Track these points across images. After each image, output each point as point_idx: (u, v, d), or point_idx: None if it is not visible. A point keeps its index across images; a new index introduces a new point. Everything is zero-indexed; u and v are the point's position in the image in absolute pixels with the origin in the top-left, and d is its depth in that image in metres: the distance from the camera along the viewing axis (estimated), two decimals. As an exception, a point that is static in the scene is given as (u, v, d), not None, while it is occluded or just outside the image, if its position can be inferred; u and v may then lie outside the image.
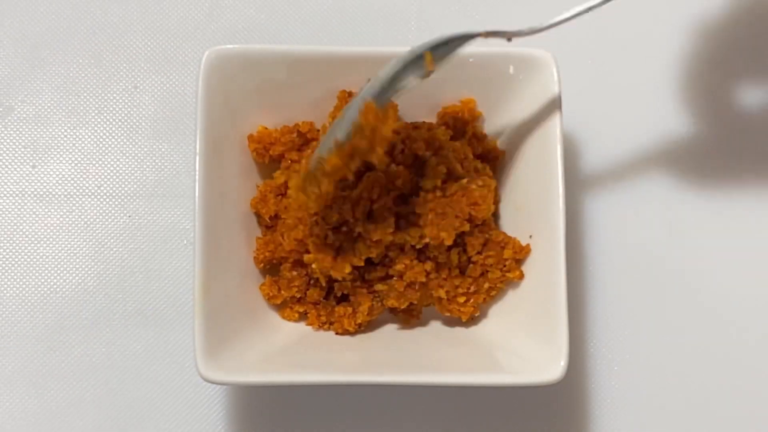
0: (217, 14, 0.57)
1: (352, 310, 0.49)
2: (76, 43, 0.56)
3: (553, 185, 0.46)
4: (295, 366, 0.46)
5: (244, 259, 0.50)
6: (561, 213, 0.46)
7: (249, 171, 0.51)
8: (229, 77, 0.48)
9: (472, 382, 0.45)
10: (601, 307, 0.53)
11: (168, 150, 0.55)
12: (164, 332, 0.53)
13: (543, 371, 0.44)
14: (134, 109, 0.56)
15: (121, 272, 0.53)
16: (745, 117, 0.55)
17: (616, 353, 0.52)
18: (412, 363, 0.47)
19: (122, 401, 0.52)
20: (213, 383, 0.45)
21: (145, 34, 0.56)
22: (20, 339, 0.53)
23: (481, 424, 0.52)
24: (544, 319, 0.46)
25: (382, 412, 0.52)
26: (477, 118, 0.51)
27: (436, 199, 0.47)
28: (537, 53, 0.48)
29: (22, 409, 0.52)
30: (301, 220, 0.47)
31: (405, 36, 0.56)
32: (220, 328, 0.46)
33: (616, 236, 0.54)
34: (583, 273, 0.53)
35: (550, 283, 0.46)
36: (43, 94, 0.56)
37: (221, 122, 0.48)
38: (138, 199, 0.54)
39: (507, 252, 0.49)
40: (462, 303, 0.49)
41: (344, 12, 0.57)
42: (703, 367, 0.52)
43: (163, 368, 0.52)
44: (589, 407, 0.52)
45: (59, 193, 0.54)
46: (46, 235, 0.54)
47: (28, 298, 0.53)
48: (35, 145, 0.55)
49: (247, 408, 0.52)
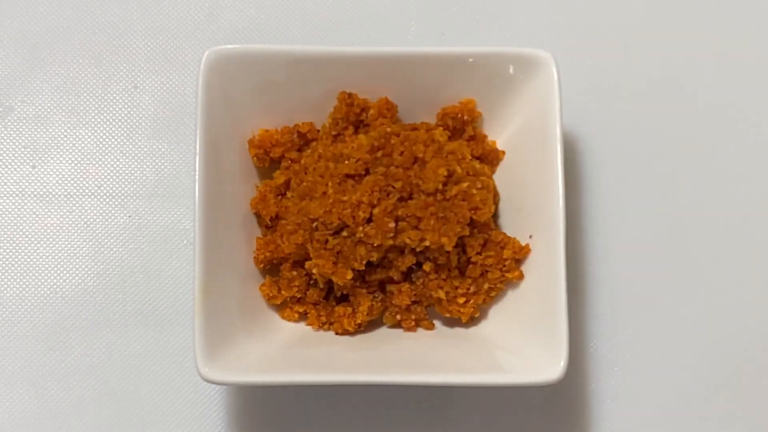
0: (217, 14, 0.57)
1: (352, 310, 0.49)
2: (76, 43, 0.56)
3: (553, 185, 0.46)
4: (295, 366, 0.46)
5: (244, 259, 0.50)
6: (561, 213, 0.46)
7: (249, 171, 0.51)
8: (229, 77, 0.48)
9: (472, 382, 0.45)
10: (601, 307, 0.53)
11: (168, 150, 0.55)
12: (164, 332, 0.53)
13: (543, 371, 0.44)
14: (134, 109, 0.56)
15: (121, 272, 0.53)
16: (746, 117, 0.55)
17: (616, 353, 0.52)
18: (412, 363, 0.47)
19: (122, 401, 0.52)
20: (213, 383, 0.45)
21: (145, 34, 0.56)
22: (20, 339, 0.53)
23: (481, 424, 0.52)
24: (544, 319, 0.46)
25: (382, 412, 0.52)
26: (476, 118, 0.51)
27: (436, 203, 0.47)
28: (537, 53, 0.48)
29: (22, 409, 0.52)
30: (301, 225, 0.47)
31: (405, 36, 0.56)
32: (220, 328, 0.46)
33: (615, 236, 0.54)
34: (583, 273, 0.53)
35: (550, 283, 0.46)
36: (43, 94, 0.56)
37: (221, 122, 0.48)
38: (138, 199, 0.54)
39: (506, 252, 0.48)
40: (462, 304, 0.49)
41: (344, 12, 0.57)
42: (703, 367, 0.52)
43: (163, 368, 0.52)
44: (589, 407, 0.52)
45: (59, 193, 0.54)
46: (46, 235, 0.54)
47: (28, 298, 0.53)
48: (35, 145, 0.55)
49: (247, 408, 0.52)
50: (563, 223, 0.46)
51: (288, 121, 0.51)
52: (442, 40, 0.56)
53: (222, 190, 0.48)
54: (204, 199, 0.46)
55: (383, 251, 0.47)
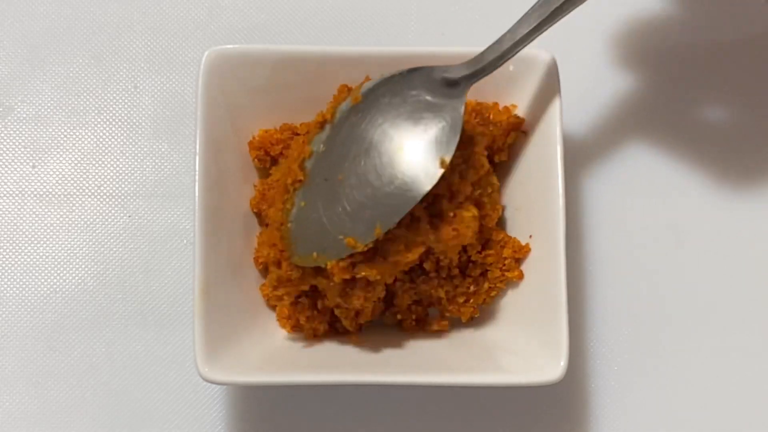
0: (217, 14, 0.57)
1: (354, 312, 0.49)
2: (76, 43, 0.56)
3: (553, 185, 0.46)
4: (295, 366, 0.46)
5: (244, 259, 0.50)
6: (561, 213, 0.46)
7: (249, 171, 0.51)
8: (229, 77, 0.48)
9: (472, 382, 0.45)
10: (601, 307, 0.53)
11: (168, 150, 0.55)
12: (164, 332, 0.53)
13: (543, 371, 0.44)
14: (134, 109, 0.56)
15: (121, 272, 0.53)
16: (747, 116, 0.55)
17: (616, 353, 0.52)
18: (412, 363, 0.47)
19: (122, 401, 0.52)
20: (213, 383, 0.45)
21: (145, 34, 0.56)
22: (20, 339, 0.53)
23: (481, 424, 0.52)
24: (544, 319, 0.46)
25: (382, 412, 0.52)
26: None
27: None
28: (537, 53, 0.48)
29: (22, 409, 0.52)
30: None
31: (405, 36, 0.56)
32: (220, 328, 0.46)
33: (616, 236, 0.54)
34: (583, 273, 0.53)
35: (550, 283, 0.46)
36: (43, 94, 0.56)
37: (221, 122, 0.48)
38: (138, 199, 0.54)
39: (507, 251, 0.48)
40: (462, 303, 0.49)
41: (344, 12, 0.57)
42: (703, 366, 0.52)
43: (163, 368, 0.52)
44: (589, 407, 0.52)
45: (59, 193, 0.54)
46: (46, 235, 0.54)
47: (28, 298, 0.53)
48: (35, 145, 0.55)
49: (247, 408, 0.52)
50: (563, 223, 0.46)
51: (288, 121, 0.51)
52: (442, 40, 0.56)
53: (222, 190, 0.48)
54: (204, 199, 0.46)
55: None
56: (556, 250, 0.46)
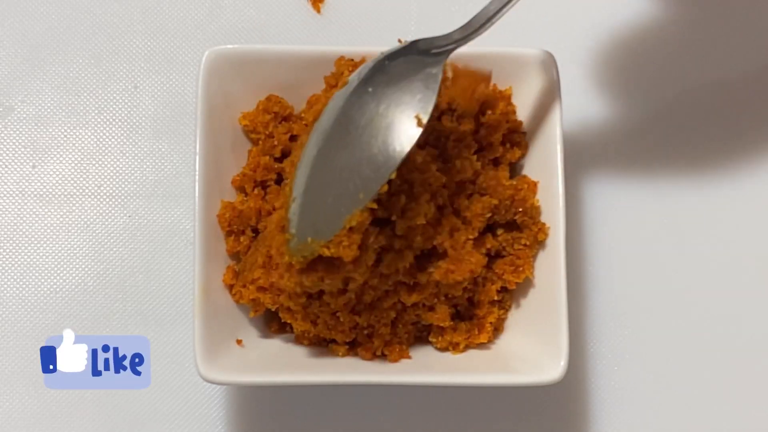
0: (217, 14, 0.57)
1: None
2: (76, 43, 0.56)
3: (553, 185, 0.46)
4: (294, 366, 0.46)
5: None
6: (561, 213, 0.46)
7: (249, 171, 0.51)
8: (229, 77, 0.48)
9: (472, 382, 0.45)
10: (601, 307, 0.53)
11: (168, 150, 0.55)
12: (164, 332, 0.53)
13: (543, 371, 0.44)
14: (134, 109, 0.56)
15: (121, 272, 0.53)
16: (747, 116, 0.55)
17: (616, 353, 0.52)
18: (412, 363, 0.47)
19: (122, 401, 0.52)
20: (213, 383, 0.45)
21: (145, 34, 0.56)
22: (20, 339, 0.53)
23: (481, 424, 0.52)
24: (544, 319, 0.46)
25: (382, 412, 0.52)
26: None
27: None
28: (537, 53, 0.48)
29: (22, 409, 0.52)
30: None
31: (405, 36, 0.56)
32: (220, 329, 0.46)
33: (616, 236, 0.54)
34: (583, 273, 0.53)
35: (550, 283, 0.46)
36: (43, 94, 0.56)
37: (221, 122, 0.48)
38: (138, 199, 0.54)
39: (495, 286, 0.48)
40: (454, 344, 0.48)
41: (344, 12, 0.57)
42: (703, 366, 0.52)
43: (163, 368, 0.52)
44: (589, 407, 0.52)
45: (59, 193, 0.54)
46: (46, 235, 0.54)
47: (28, 298, 0.53)
48: (35, 145, 0.55)
49: (247, 408, 0.52)
50: (563, 223, 0.46)
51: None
52: (442, 40, 0.56)
53: (222, 190, 0.48)
54: (204, 199, 0.46)
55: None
56: (556, 251, 0.46)
